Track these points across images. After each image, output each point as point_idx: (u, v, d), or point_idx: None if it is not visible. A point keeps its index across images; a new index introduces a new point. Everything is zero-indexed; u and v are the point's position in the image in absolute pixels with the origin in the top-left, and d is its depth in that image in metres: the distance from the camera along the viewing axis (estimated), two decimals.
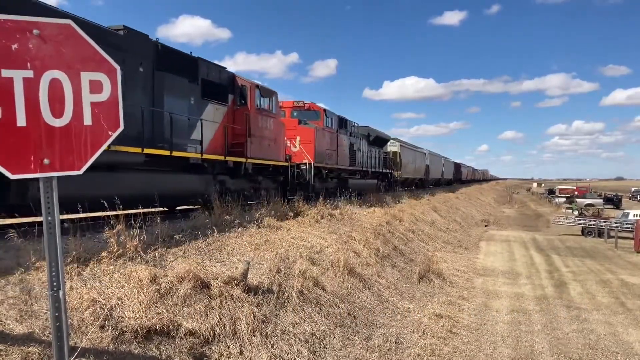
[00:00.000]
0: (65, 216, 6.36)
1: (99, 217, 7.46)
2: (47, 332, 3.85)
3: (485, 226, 32.14)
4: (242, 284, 6.08)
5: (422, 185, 41.39)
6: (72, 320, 4.15)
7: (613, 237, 25.30)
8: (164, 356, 4.47)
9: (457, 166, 69.30)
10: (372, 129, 24.93)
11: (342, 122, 19.47)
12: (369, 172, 23.20)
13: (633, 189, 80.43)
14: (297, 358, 5.72)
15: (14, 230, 5.23)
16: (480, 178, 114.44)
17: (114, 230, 5.83)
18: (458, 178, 68.71)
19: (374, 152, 24.50)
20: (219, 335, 5.14)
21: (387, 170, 27.84)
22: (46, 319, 3.98)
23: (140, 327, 4.48)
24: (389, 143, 30.01)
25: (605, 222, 29.08)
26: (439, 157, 52.94)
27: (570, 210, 42.00)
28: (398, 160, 30.71)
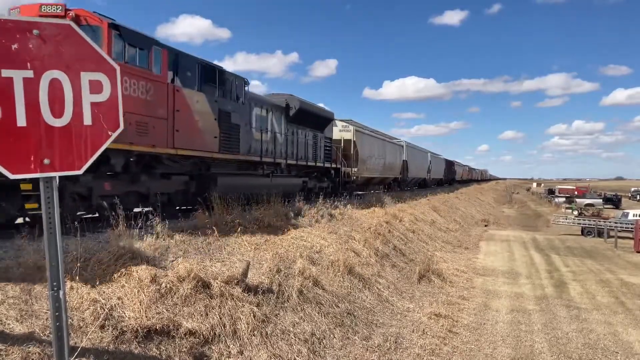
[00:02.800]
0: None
1: (98, 217, 7.48)
2: (47, 331, 3.85)
3: (485, 226, 32.15)
4: (242, 283, 6.09)
5: (399, 186, 32.69)
6: (72, 320, 4.16)
7: (613, 237, 25.32)
8: (164, 356, 4.47)
9: (450, 164, 60.80)
10: (295, 99, 15.36)
11: (200, 70, 10.04)
12: (281, 166, 14.46)
13: (633, 189, 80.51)
14: (297, 358, 5.72)
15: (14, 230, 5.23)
16: (479, 178, 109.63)
17: (115, 230, 5.83)
18: (451, 178, 61.34)
19: (300, 136, 15.87)
20: (219, 335, 5.15)
21: (332, 166, 19.12)
22: (46, 319, 3.99)
23: (141, 327, 4.48)
24: (338, 127, 21.43)
25: (605, 222, 29.12)
26: (424, 152, 43.90)
27: (570, 210, 42.06)
28: (352, 151, 21.46)
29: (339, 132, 21.38)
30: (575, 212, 39.02)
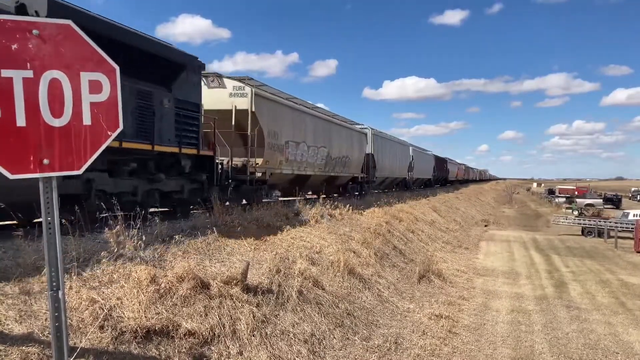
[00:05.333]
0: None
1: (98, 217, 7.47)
2: (47, 332, 3.84)
3: (485, 226, 32.15)
4: (241, 284, 6.08)
5: (361, 189, 23.73)
6: (72, 320, 4.15)
7: (613, 237, 25.32)
8: (163, 356, 4.46)
9: (441, 162, 52.26)
10: None
11: None
12: None
13: (633, 189, 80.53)
14: (296, 358, 5.72)
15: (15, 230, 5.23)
16: (477, 178, 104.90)
17: (114, 231, 5.82)
18: (443, 178, 53.85)
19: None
20: (219, 336, 5.14)
21: (196, 152, 9.85)
22: (46, 319, 3.98)
23: (140, 327, 4.47)
24: (228, 88, 12.89)
25: (605, 222, 29.11)
26: (403, 145, 33.92)
27: (570, 210, 42.07)
28: (253, 130, 12.73)
29: (229, 97, 12.84)
30: (576, 212, 39.04)
